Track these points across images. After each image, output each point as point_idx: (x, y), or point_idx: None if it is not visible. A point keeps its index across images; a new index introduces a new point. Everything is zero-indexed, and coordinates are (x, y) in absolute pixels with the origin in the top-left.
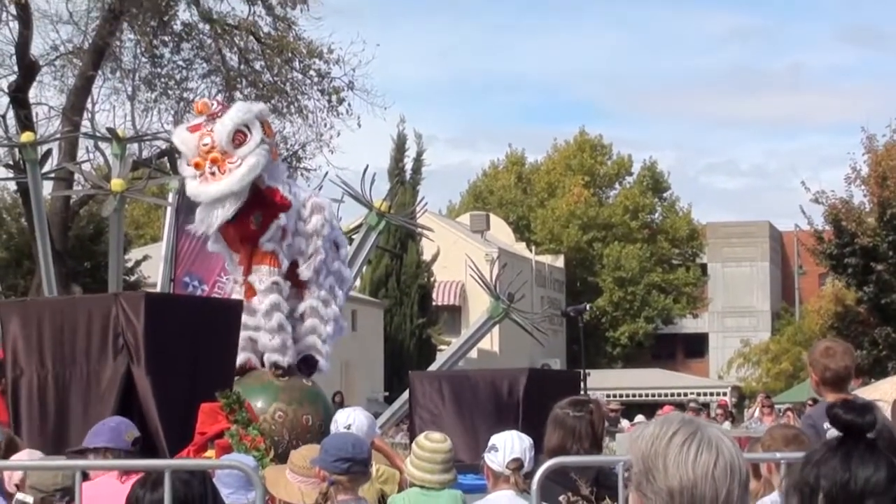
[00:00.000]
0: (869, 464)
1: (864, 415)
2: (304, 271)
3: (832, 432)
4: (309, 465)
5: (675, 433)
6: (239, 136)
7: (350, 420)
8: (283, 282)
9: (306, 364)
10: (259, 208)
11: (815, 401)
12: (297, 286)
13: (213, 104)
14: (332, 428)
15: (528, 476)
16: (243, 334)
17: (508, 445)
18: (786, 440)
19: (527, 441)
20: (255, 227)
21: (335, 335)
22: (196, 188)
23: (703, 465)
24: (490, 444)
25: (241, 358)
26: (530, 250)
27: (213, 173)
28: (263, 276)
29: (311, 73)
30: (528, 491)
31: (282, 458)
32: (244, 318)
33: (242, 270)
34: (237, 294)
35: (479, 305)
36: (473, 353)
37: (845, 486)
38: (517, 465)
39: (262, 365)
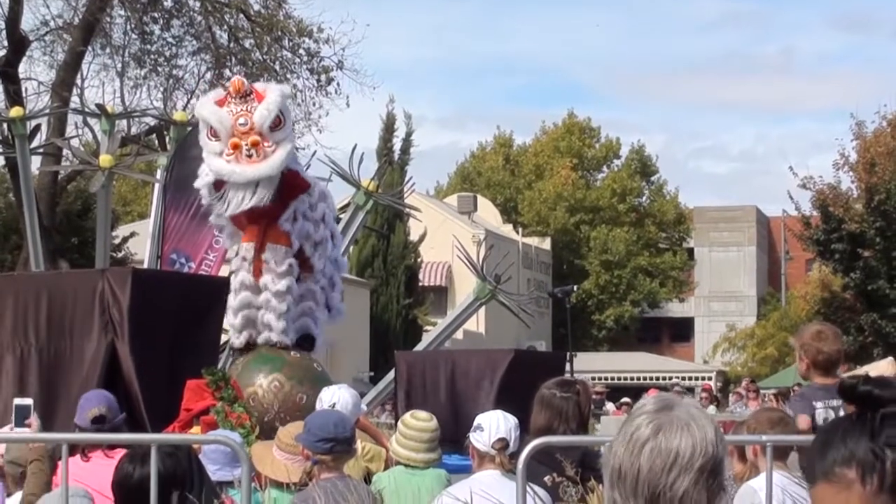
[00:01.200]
0: None
1: (889, 387)
2: (317, 262)
3: (820, 412)
4: (294, 443)
5: (641, 412)
6: (275, 121)
7: (335, 398)
8: (295, 264)
9: (305, 341)
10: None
11: (800, 386)
12: (301, 269)
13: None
14: (317, 406)
15: (514, 456)
16: (246, 312)
17: (494, 425)
18: (771, 423)
19: (512, 421)
20: (271, 205)
21: (331, 320)
22: (229, 167)
23: (635, 442)
24: (475, 423)
25: (244, 336)
26: (517, 232)
27: (249, 155)
28: (280, 256)
29: (301, 52)
30: (513, 471)
31: (265, 430)
32: (248, 296)
33: (254, 247)
34: (244, 270)
35: (465, 286)
36: (459, 334)
37: None
38: (502, 444)
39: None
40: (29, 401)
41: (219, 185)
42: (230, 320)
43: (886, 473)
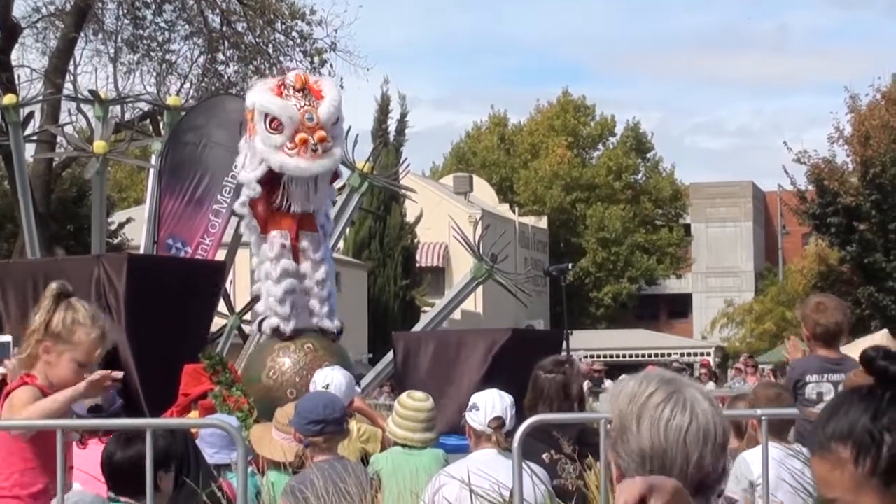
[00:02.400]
0: None
1: None
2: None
3: (813, 386)
4: (289, 425)
5: (652, 393)
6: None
7: (328, 380)
8: (330, 251)
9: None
10: None
11: None
12: None
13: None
14: (311, 387)
15: (511, 434)
16: (292, 299)
17: (489, 404)
18: (767, 399)
19: (507, 399)
20: None
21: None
22: (294, 162)
23: (675, 428)
24: (471, 402)
25: (292, 323)
26: (513, 211)
27: (315, 150)
28: (316, 244)
29: (294, 34)
30: (510, 449)
31: (296, 383)
32: (293, 282)
33: (290, 235)
34: (286, 258)
35: (462, 267)
36: (457, 314)
37: None
38: (498, 423)
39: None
40: (7, 338)
41: (268, 178)
42: (274, 307)
43: (881, 457)
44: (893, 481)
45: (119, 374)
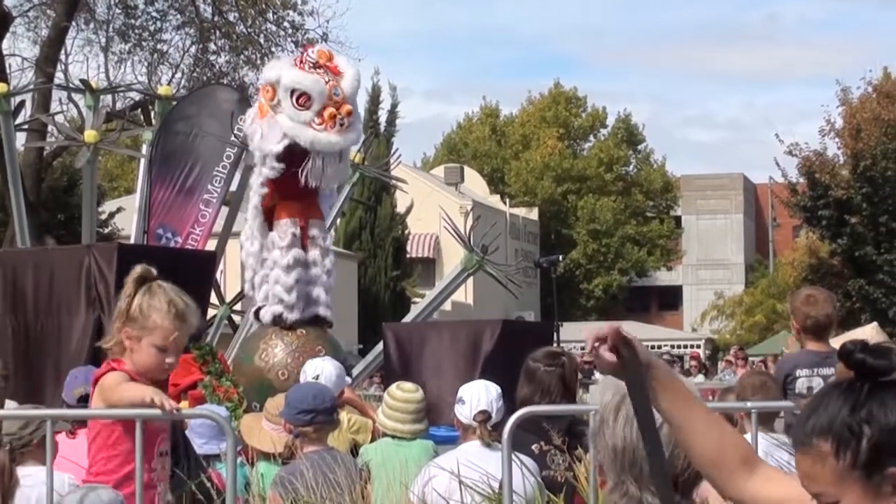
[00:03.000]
0: None
1: (887, 358)
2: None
3: (803, 380)
4: (278, 415)
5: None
6: None
7: (318, 370)
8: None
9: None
10: None
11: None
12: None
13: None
14: (301, 378)
15: (498, 427)
16: (300, 288)
17: (475, 397)
18: (753, 388)
19: (494, 391)
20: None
21: None
22: (326, 137)
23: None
24: (458, 395)
25: (297, 312)
26: (504, 202)
27: (342, 124)
28: (324, 231)
29: (285, 24)
30: (497, 441)
31: (288, 366)
32: (301, 271)
33: (298, 222)
34: (297, 246)
35: (453, 258)
36: (447, 306)
37: (893, 431)
38: (484, 417)
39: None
40: None
41: (288, 153)
42: (281, 296)
43: (861, 450)
44: (875, 473)
45: (174, 408)
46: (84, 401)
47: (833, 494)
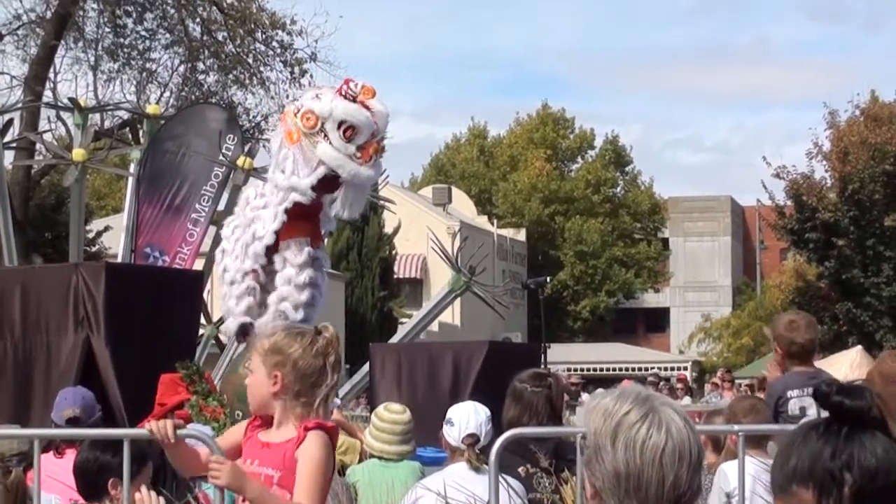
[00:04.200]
0: (878, 445)
1: (863, 399)
2: None
3: (795, 402)
4: None
5: (628, 412)
6: None
7: None
8: None
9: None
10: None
11: None
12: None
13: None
14: None
15: (486, 449)
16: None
17: (464, 420)
18: (744, 411)
19: (483, 414)
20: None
21: None
22: (366, 171)
23: (651, 448)
24: (447, 416)
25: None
26: (492, 223)
27: (371, 158)
28: (326, 259)
29: (274, 44)
30: (485, 464)
31: None
32: (312, 291)
33: (309, 241)
34: (311, 267)
35: (440, 278)
36: (435, 326)
37: (875, 475)
38: (472, 440)
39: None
40: None
41: (325, 184)
42: (289, 313)
43: (843, 497)
44: None
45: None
46: (73, 423)
47: None
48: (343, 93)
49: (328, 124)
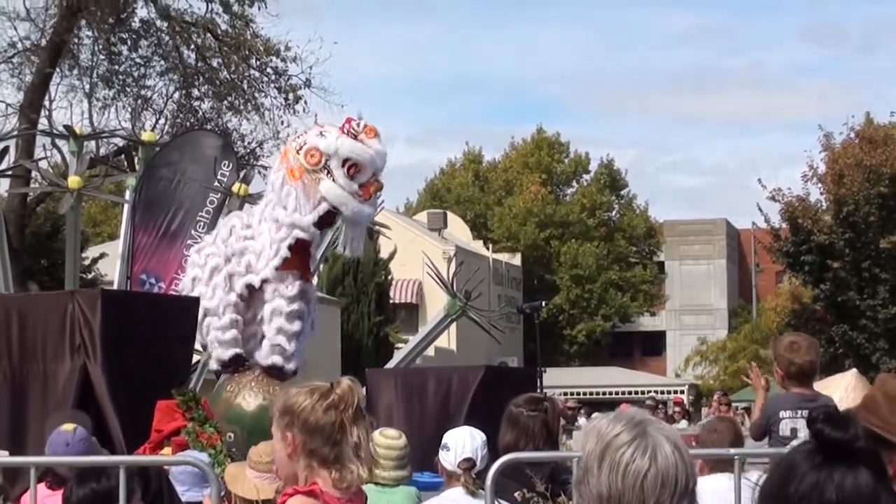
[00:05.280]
0: (850, 479)
1: (846, 429)
2: None
3: (787, 422)
4: (266, 462)
5: (618, 434)
6: None
7: None
8: None
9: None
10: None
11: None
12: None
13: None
14: None
15: (482, 474)
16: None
17: (460, 445)
18: (707, 431)
19: (479, 439)
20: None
21: None
22: (365, 208)
23: (633, 472)
24: (443, 441)
25: (295, 364)
26: (487, 248)
27: (370, 196)
28: (315, 293)
29: (269, 70)
30: (481, 489)
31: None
32: (301, 324)
33: (299, 275)
34: (301, 300)
35: (436, 303)
36: (430, 351)
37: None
38: (468, 465)
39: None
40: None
41: (323, 218)
42: (286, 346)
43: None
44: None
45: None
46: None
47: None
48: (346, 130)
49: (333, 161)
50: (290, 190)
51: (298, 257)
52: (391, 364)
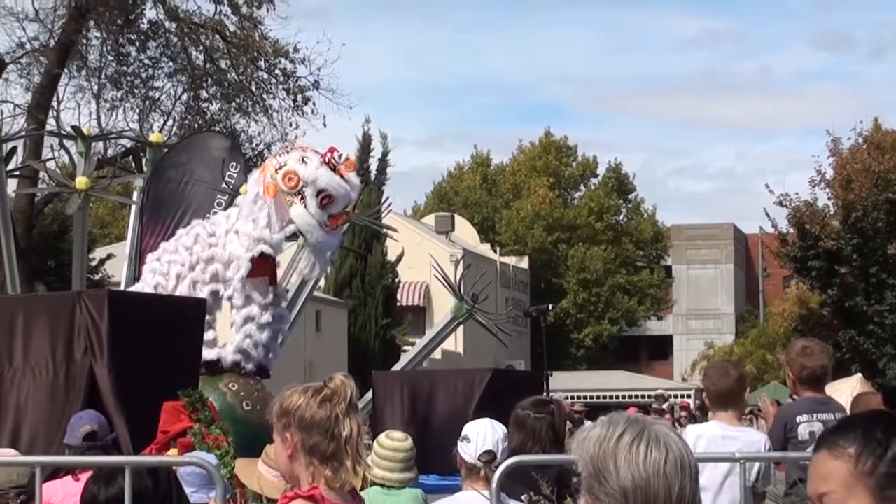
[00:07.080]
0: None
1: None
2: None
3: (804, 426)
4: None
5: (622, 433)
6: None
7: None
8: None
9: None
10: None
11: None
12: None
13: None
14: None
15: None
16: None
17: (481, 437)
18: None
19: (500, 431)
20: None
21: None
22: (330, 239)
23: (653, 462)
24: (463, 433)
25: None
26: (495, 251)
27: (336, 227)
28: (285, 296)
29: (277, 72)
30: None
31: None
32: (274, 329)
33: (268, 281)
34: (275, 306)
35: (443, 306)
36: (437, 354)
37: None
38: (489, 457)
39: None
40: None
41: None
42: (249, 350)
43: (883, 461)
44: (888, 487)
45: None
46: (89, 438)
47: (840, 496)
48: (326, 160)
49: (308, 189)
50: (262, 205)
51: (266, 264)
52: (398, 367)
